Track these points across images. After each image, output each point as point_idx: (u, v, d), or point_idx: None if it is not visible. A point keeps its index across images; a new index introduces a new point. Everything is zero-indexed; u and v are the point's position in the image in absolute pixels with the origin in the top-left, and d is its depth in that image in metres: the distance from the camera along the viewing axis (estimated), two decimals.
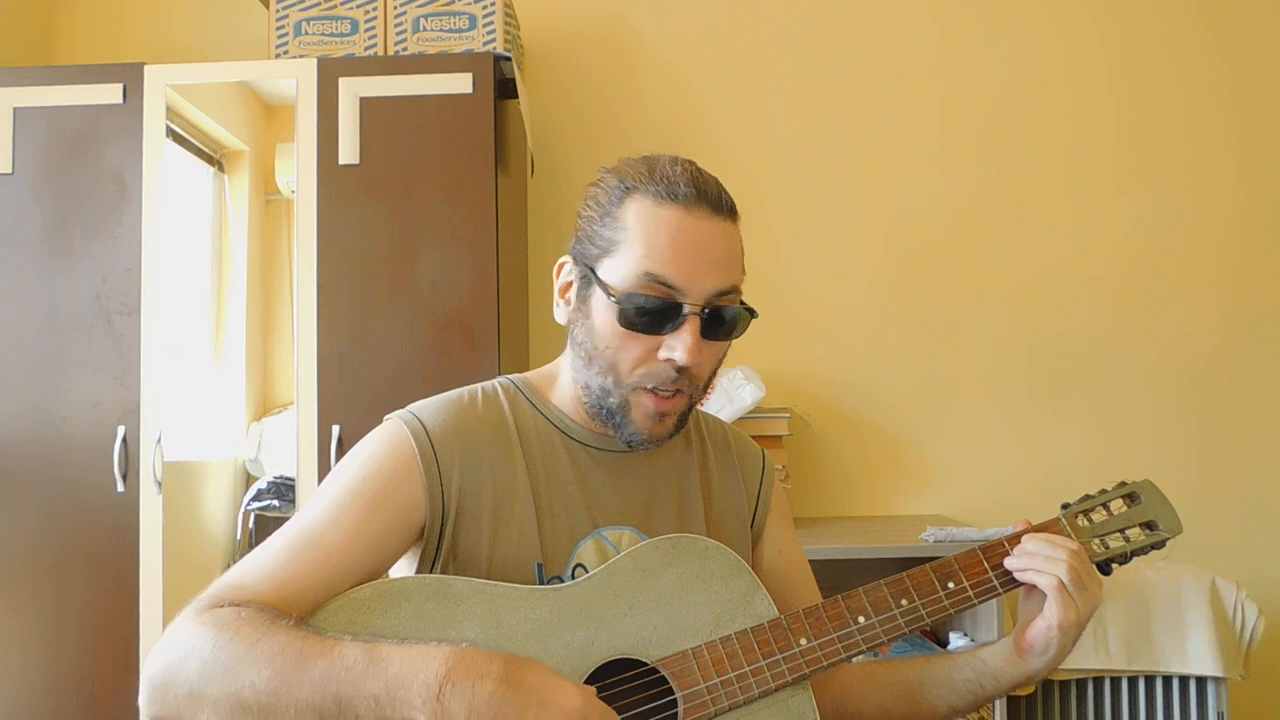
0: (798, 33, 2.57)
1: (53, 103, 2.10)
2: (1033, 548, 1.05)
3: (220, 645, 0.87)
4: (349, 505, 0.99)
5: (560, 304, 1.09)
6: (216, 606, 0.92)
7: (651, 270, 1.00)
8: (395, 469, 1.02)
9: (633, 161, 1.08)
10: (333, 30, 2.20)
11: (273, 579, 0.95)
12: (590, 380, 1.04)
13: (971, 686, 1.09)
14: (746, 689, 0.98)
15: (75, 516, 2.05)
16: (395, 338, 2.04)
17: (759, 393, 2.17)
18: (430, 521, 1.02)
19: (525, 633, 0.95)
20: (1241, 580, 2.08)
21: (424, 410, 1.07)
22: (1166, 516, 1.12)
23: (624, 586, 1.00)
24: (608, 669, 0.97)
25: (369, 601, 0.95)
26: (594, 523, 1.07)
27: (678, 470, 1.14)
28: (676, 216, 1.01)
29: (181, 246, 2.16)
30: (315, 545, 0.97)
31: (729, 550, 1.04)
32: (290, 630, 0.88)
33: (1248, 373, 2.48)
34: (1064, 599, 1.01)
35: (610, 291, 1.01)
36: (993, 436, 2.49)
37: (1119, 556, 1.10)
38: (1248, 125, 2.51)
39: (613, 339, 1.02)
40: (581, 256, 1.05)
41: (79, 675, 2.01)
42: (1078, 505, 1.12)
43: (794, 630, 1.01)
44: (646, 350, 1.01)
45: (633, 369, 1.02)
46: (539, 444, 1.08)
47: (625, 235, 1.02)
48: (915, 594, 1.04)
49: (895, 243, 2.53)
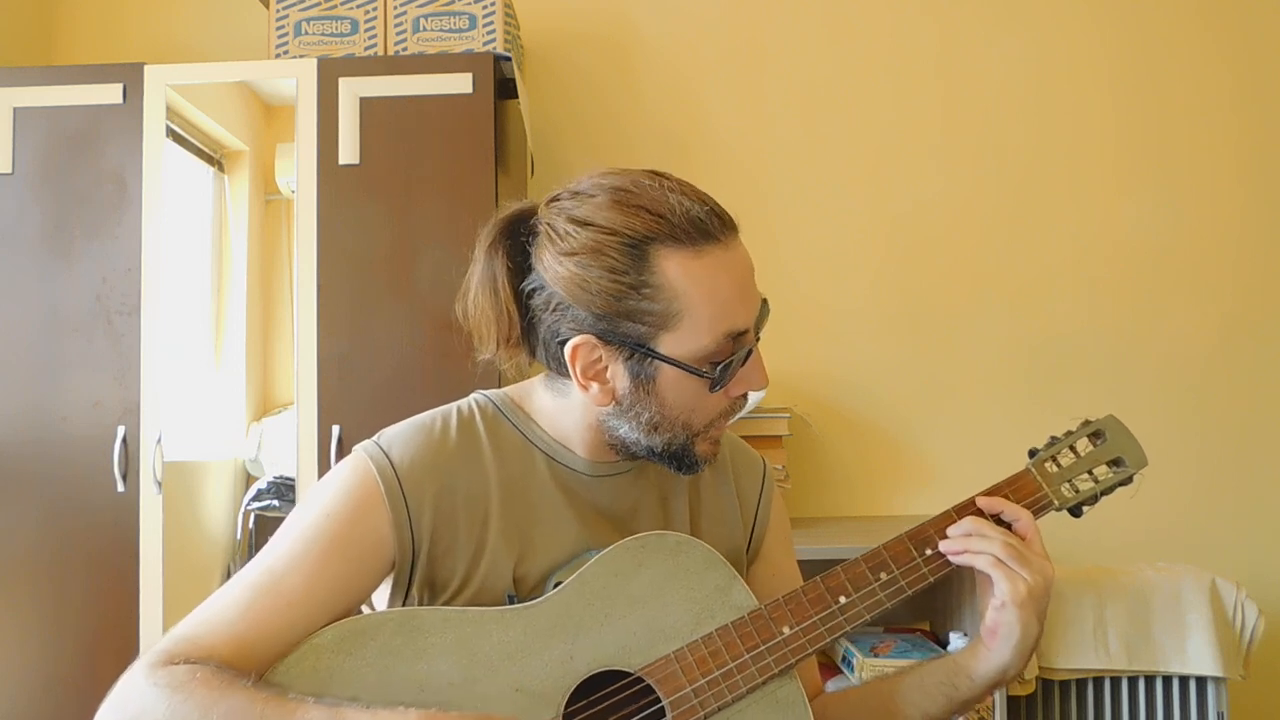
0: (798, 33, 2.57)
1: (53, 103, 2.10)
2: (966, 527, 1.02)
3: (173, 708, 0.83)
4: (311, 547, 0.94)
5: (593, 386, 0.97)
6: (170, 664, 0.87)
7: (729, 329, 0.94)
8: (359, 507, 0.97)
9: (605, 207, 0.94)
10: (333, 30, 2.20)
11: (230, 631, 0.90)
12: (651, 443, 0.99)
13: (944, 689, 1.04)
14: (734, 686, 0.95)
15: (75, 516, 2.05)
16: (395, 338, 2.04)
17: (759, 393, 2.17)
18: (400, 557, 0.98)
19: (500, 656, 0.92)
20: (1241, 580, 2.08)
21: (393, 442, 1.01)
22: (1132, 450, 1.10)
23: (597, 594, 0.96)
24: (591, 683, 0.94)
25: (332, 646, 0.91)
26: (578, 545, 1.02)
27: (666, 485, 1.10)
28: (721, 259, 0.94)
29: (181, 246, 2.16)
30: (275, 591, 0.92)
31: (700, 543, 1.01)
32: (248, 692, 0.84)
33: (1248, 373, 2.48)
34: (1005, 572, 0.97)
35: (691, 366, 0.94)
36: (993, 436, 2.49)
37: (1089, 498, 1.09)
38: (1248, 125, 2.51)
39: (695, 403, 0.97)
40: (621, 336, 0.94)
41: (79, 675, 2.01)
42: (1045, 451, 1.10)
43: (775, 619, 0.99)
44: (720, 396, 0.98)
45: (709, 417, 0.99)
46: (518, 467, 1.03)
47: (681, 304, 0.92)
48: (893, 564, 1.02)
49: (895, 243, 2.53)
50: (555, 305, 0.96)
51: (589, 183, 0.97)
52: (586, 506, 1.04)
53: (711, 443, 1.02)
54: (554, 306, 0.96)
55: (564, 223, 0.95)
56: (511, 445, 1.04)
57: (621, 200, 0.94)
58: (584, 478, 1.05)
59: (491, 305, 1.00)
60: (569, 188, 0.99)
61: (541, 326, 0.99)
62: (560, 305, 0.95)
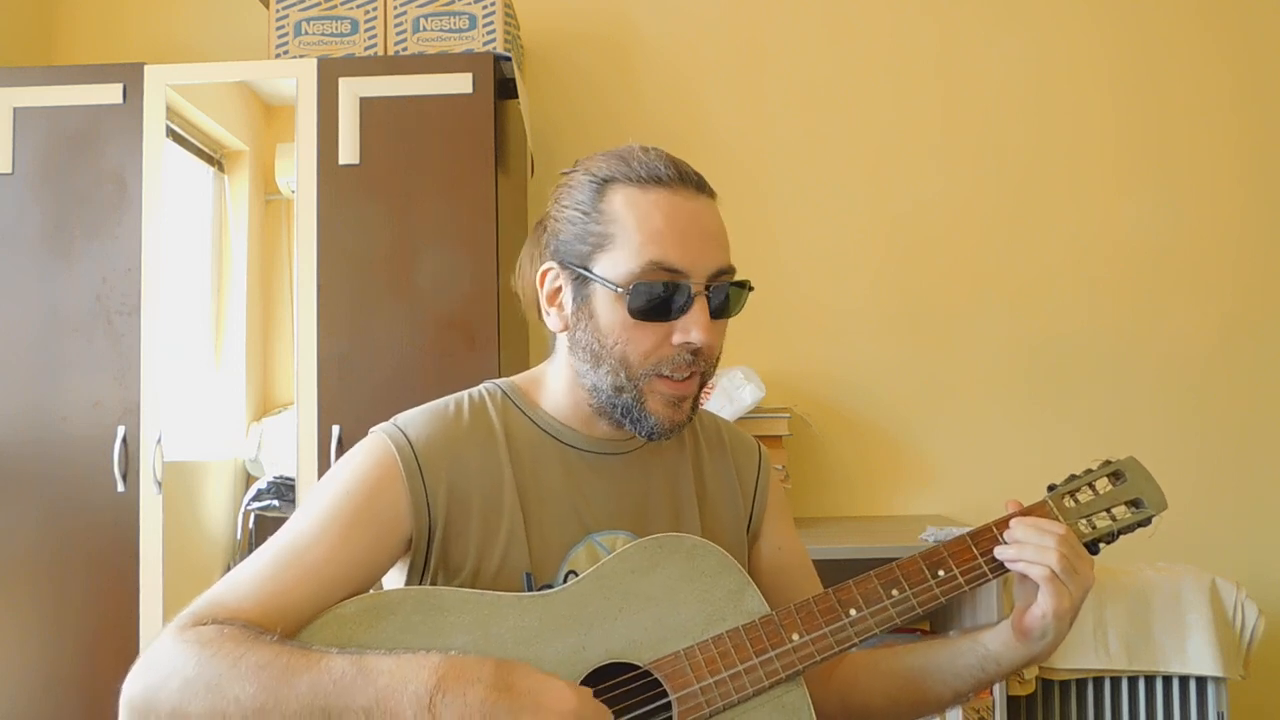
0: (798, 33, 2.57)
1: (53, 103, 2.10)
2: (1022, 535, 1.03)
3: (203, 662, 0.85)
4: (332, 520, 0.98)
5: (551, 312, 1.06)
6: (198, 624, 0.90)
7: (654, 256, 0.98)
8: (378, 483, 1.00)
9: (598, 156, 1.07)
10: (333, 30, 2.20)
11: (256, 596, 0.93)
12: (599, 381, 1.02)
13: (974, 671, 1.08)
14: (740, 687, 0.97)
15: (75, 516, 2.05)
16: (395, 338, 2.04)
17: (759, 393, 2.18)
18: (417, 534, 1.01)
19: (515, 640, 0.94)
20: (1241, 580, 2.08)
21: (409, 422, 1.05)
22: (1151, 493, 1.11)
23: (613, 589, 0.99)
24: (600, 674, 0.96)
25: (355, 616, 0.93)
26: (587, 528, 1.06)
27: (672, 471, 1.13)
28: (665, 198, 1.00)
29: (181, 246, 2.16)
30: (298, 562, 0.95)
31: (717, 547, 1.04)
32: (275, 645, 0.87)
33: (1248, 373, 2.48)
34: (1057, 588, 1.00)
35: (614, 285, 0.99)
36: (993, 436, 2.49)
37: (1106, 536, 1.09)
38: (1248, 125, 2.51)
39: (622, 333, 1.00)
40: (570, 258, 1.03)
41: (79, 675, 2.01)
42: (1064, 486, 1.11)
43: (785, 626, 1.00)
44: (658, 338, 1.00)
45: (646, 359, 1.00)
46: (529, 451, 1.06)
47: (617, 227, 1.00)
48: (906, 584, 1.03)
49: (895, 243, 2.53)
50: (546, 244, 1.07)
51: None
52: (595, 488, 1.08)
53: (664, 401, 1.02)
54: (546, 246, 1.07)
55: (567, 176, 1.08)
56: (521, 429, 1.08)
57: (607, 155, 1.07)
58: (590, 456, 1.08)
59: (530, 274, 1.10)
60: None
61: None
62: (549, 242, 1.06)
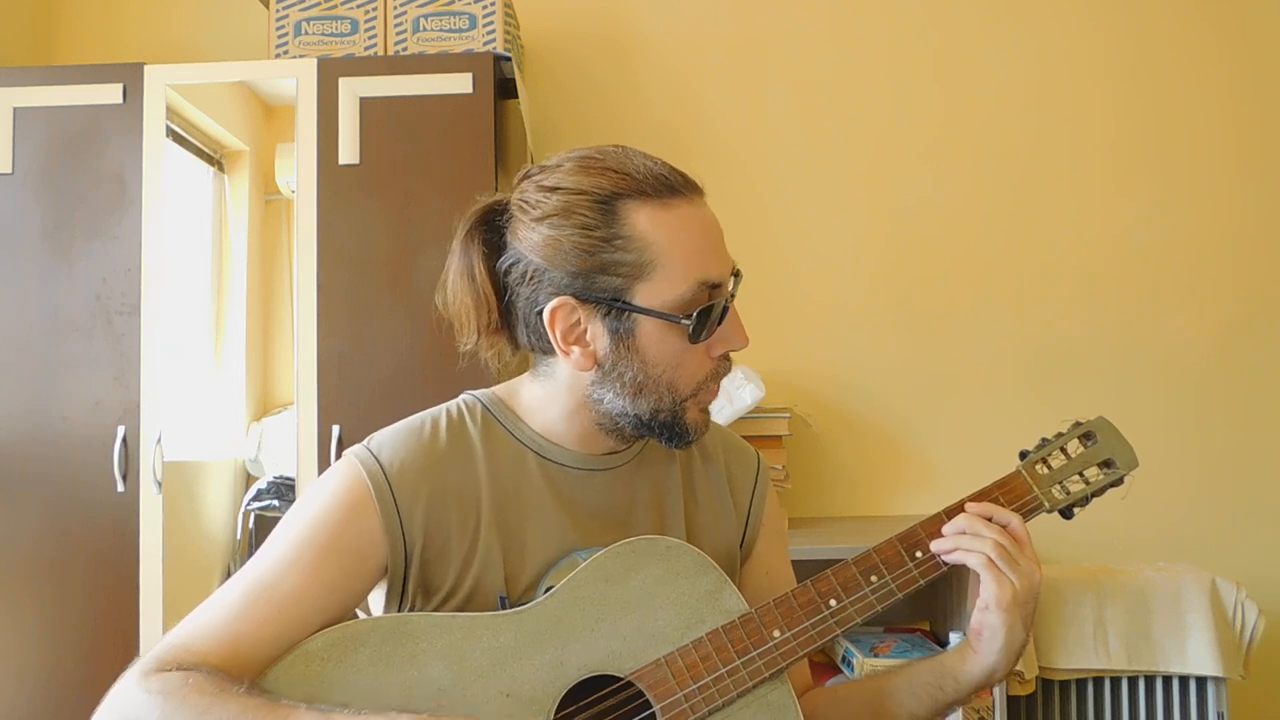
0: (798, 33, 2.57)
1: (53, 103, 2.10)
2: (960, 525, 1.01)
3: (166, 715, 0.83)
4: (303, 552, 0.94)
5: (573, 351, 0.97)
6: (163, 670, 0.87)
7: (700, 276, 0.94)
8: (350, 511, 0.96)
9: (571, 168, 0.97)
10: (333, 30, 2.20)
11: (222, 636, 0.90)
12: (634, 409, 0.98)
13: (931, 690, 1.04)
14: (724, 691, 0.95)
15: (75, 516, 2.05)
16: (395, 338, 2.04)
17: (759, 393, 2.17)
18: (393, 561, 0.97)
19: (490, 662, 0.92)
20: (1241, 580, 2.08)
21: (383, 446, 1.00)
22: (1123, 453, 1.10)
23: (588, 599, 0.96)
24: (582, 688, 0.94)
25: (323, 652, 0.91)
26: (571, 544, 1.02)
27: (659, 483, 1.09)
28: (686, 210, 0.96)
29: (181, 246, 2.16)
30: (267, 598, 0.92)
31: (692, 548, 1.01)
32: (241, 699, 0.84)
33: (1248, 373, 2.48)
34: (995, 575, 0.97)
35: (670, 316, 0.94)
36: (992, 436, 2.49)
37: (1079, 500, 1.08)
38: (1248, 125, 2.51)
39: (674, 359, 0.96)
40: (596, 292, 0.94)
41: (79, 675, 2.01)
42: (1036, 452, 1.10)
43: (766, 623, 0.99)
44: (702, 355, 0.98)
45: (693, 379, 0.98)
46: (510, 467, 1.02)
47: (652, 252, 0.93)
48: (884, 569, 1.02)
49: (895, 242, 2.53)
50: (532, 274, 0.97)
51: (555, 158, 0.99)
52: (579, 505, 1.03)
53: (702, 410, 1.01)
54: (530, 276, 0.97)
55: (534, 192, 0.97)
56: (502, 446, 1.03)
57: (587, 164, 0.96)
58: (575, 473, 1.04)
59: (469, 292, 1.00)
60: (536, 165, 1.01)
61: (520, 301, 0.99)
62: (537, 272, 0.96)
